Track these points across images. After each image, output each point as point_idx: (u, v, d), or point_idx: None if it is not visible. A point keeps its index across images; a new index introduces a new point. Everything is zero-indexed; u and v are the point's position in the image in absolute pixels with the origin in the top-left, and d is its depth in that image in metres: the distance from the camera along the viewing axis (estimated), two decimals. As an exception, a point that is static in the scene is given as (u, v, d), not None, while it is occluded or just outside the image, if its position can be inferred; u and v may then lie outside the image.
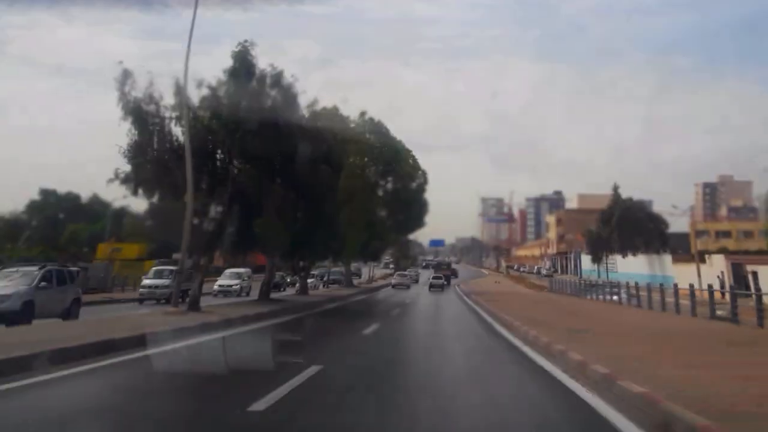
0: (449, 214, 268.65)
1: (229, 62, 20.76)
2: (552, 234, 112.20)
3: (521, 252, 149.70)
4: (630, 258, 67.00)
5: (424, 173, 44.61)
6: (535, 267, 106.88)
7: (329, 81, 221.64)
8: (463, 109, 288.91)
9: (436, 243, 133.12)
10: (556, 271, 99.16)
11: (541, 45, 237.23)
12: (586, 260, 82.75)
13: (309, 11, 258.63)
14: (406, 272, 66.46)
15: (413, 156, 43.90)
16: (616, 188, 72.73)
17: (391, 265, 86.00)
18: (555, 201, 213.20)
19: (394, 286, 55.17)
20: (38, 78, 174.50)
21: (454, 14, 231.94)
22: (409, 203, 43.38)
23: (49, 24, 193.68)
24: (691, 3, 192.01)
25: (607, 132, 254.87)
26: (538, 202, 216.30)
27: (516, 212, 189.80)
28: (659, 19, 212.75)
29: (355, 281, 58.40)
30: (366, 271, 71.08)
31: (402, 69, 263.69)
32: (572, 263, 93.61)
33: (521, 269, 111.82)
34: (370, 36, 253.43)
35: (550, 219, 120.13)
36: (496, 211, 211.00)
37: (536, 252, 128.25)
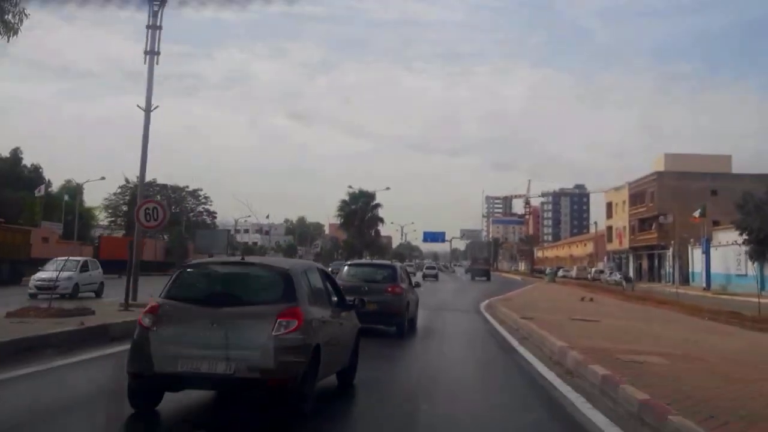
0: (449, 216, 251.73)
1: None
2: (618, 221, 70.32)
3: (550, 252, 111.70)
4: None
5: None
6: (591, 270, 67.77)
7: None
8: (465, 111, 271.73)
9: (434, 237, 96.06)
10: (630, 277, 60.15)
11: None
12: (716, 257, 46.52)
13: (309, 12, 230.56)
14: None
15: None
16: None
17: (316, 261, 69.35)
18: (578, 196, 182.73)
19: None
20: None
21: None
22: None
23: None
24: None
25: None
26: (557, 197, 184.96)
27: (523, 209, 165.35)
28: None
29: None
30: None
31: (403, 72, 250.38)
32: (664, 263, 55.98)
33: (562, 272, 72.00)
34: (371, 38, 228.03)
35: (615, 196, 71.33)
36: (503, 212, 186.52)
37: (578, 250, 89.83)
